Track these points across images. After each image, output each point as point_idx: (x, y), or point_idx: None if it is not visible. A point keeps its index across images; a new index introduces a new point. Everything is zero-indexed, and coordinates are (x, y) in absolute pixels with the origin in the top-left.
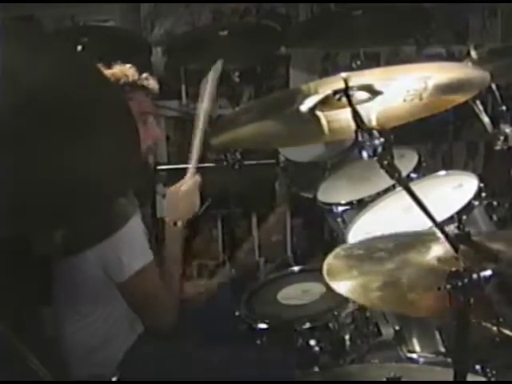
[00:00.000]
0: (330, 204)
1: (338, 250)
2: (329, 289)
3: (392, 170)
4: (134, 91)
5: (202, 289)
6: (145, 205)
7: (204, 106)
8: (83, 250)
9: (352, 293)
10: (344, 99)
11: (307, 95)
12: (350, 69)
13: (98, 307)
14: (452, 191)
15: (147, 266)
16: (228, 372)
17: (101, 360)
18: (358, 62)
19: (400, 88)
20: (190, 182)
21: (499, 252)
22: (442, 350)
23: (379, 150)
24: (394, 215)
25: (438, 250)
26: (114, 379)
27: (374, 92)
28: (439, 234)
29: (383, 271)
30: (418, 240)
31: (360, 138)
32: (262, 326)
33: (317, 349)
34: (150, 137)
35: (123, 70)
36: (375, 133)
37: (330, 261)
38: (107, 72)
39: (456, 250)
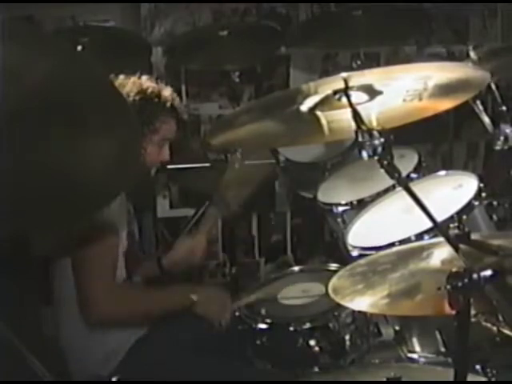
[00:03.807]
0: (330, 204)
1: (340, 272)
2: None
3: (392, 170)
4: (169, 117)
5: (190, 243)
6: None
7: None
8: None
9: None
10: (344, 99)
11: (307, 95)
12: (350, 69)
13: None
14: (452, 191)
15: None
16: (228, 372)
17: (102, 360)
18: (358, 62)
19: (400, 88)
20: None
21: (500, 247)
22: (442, 349)
23: (379, 150)
24: (394, 215)
25: (441, 253)
26: (113, 379)
27: (373, 92)
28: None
29: (390, 279)
30: (419, 248)
31: (360, 138)
32: (262, 326)
33: (317, 349)
34: (160, 158)
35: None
36: (375, 133)
37: (334, 281)
38: (157, 87)
39: (456, 249)
